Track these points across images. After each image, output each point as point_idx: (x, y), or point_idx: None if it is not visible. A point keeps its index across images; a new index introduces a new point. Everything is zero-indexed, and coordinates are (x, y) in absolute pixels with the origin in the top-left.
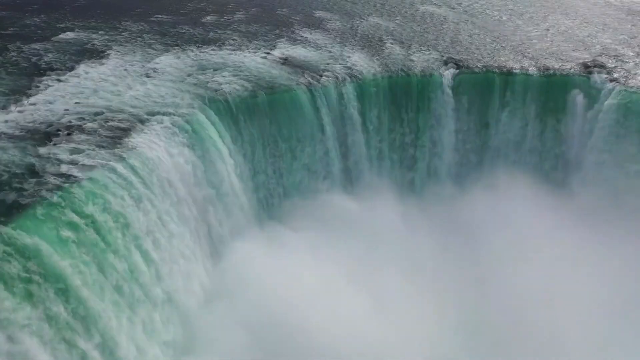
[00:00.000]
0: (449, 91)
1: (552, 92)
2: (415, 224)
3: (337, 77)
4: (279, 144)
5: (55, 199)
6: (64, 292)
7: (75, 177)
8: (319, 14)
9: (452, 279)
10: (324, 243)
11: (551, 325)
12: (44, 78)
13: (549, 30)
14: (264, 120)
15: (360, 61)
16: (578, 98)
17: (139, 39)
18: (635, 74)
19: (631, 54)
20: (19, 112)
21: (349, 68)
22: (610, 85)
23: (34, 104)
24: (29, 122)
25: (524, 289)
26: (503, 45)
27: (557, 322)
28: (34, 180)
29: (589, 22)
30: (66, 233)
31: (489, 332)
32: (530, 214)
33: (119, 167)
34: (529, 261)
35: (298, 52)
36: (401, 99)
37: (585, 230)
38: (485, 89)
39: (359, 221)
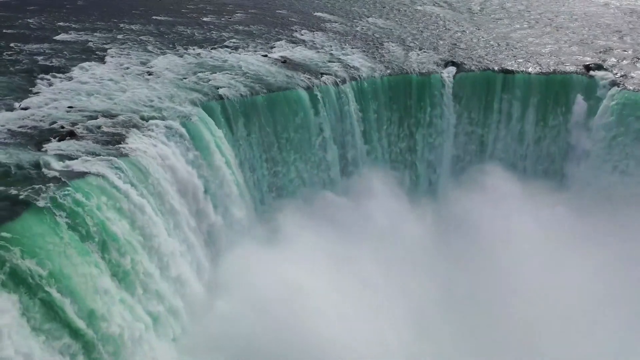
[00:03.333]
0: (449, 90)
1: (553, 91)
2: (413, 221)
3: (336, 77)
4: (278, 144)
5: (48, 203)
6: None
7: (68, 181)
8: (318, 14)
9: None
10: (322, 241)
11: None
12: (40, 80)
13: (549, 30)
14: (262, 121)
15: (360, 61)
16: (578, 98)
17: (137, 40)
18: (636, 75)
19: (632, 54)
20: (14, 114)
21: (349, 68)
22: (610, 85)
23: (29, 107)
24: (22, 126)
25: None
26: (503, 45)
27: None
28: (27, 184)
29: (589, 23)
30: (60, 236)
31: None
32: (527, 210)
33: (115, 169)
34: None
35: (297, 52)
36: (400, 98)
37: (578, 225)
38: (485, 88)
39: (356, 220)
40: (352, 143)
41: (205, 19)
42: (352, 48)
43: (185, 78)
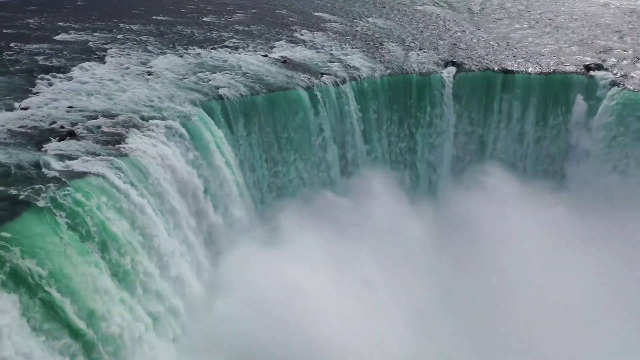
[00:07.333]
0: (449, 90)
1: (552, 91)
2: (413, 221)
3: (336, 77)
4: (278, 144)
5: (48, 203)
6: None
7: (68, 181)
8: (318, 14)
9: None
10: (322, 241)
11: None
12: (40, 80)
13: (549, 30)
14: (262, 121)
15: (360, 61)
16: (578, 98)
17: (137, 39)
18: (635, 75)
19: (632, 54)
20: (14, 114)
21: (349, 68)
22: (610, 85)
23: (29, 107)
24: (22, 126)
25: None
26: (503, 45)
27: None
28: (27, 183)
29: (589, 23)
30: (60, 236)
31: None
32: (526, 210)
33: (115, 169)
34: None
35: (297, 52)
36: (400, 98)
37: (578, 225)
38: (485, 88)
39: (356, 220)
40: (352, 143)
41: (205, 19)
42: (352, 48)
43: (185, 78)
